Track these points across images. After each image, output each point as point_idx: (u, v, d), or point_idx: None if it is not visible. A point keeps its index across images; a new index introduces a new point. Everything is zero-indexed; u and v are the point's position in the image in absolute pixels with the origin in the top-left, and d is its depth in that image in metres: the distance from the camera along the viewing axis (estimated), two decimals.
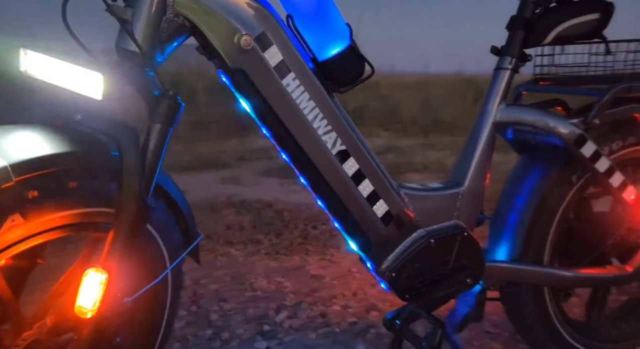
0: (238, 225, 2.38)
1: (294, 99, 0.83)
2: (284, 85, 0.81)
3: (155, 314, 0.88)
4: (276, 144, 0.88)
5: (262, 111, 0.83)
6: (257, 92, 0.81)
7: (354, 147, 0.89)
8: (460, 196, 1.01)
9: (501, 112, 1.01)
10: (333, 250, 2.09)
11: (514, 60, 1.00)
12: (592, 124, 0.98)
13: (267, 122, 0.84)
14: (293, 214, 2.52)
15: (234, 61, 0.78)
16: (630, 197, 1.05)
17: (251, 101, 0.83)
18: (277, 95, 0.82)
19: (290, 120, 0.83)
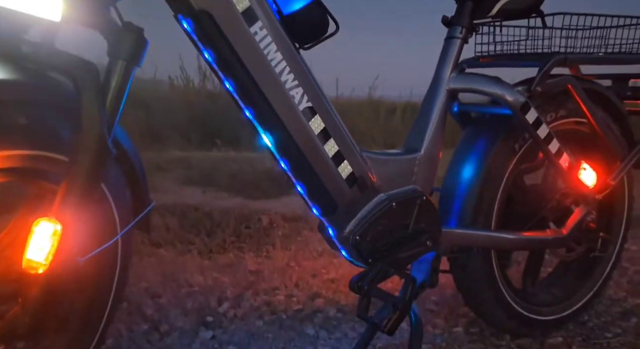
0: (164, 227, 2.24)
1: (261, 49, 0.79)
2: (252, 34, 0.78)
3: (104, 282, 0.79)
4: (239, 99, 0.83)
5: (228, 60, 0.78)
6: (223, 39, 0.76)
7: (320, 105, 0.88)
8: (418, 161, 1.02)
9: (453, 80, 1.05)
10: (269, 247, 2.04)
11: (463, 29, 1.05)
12: (534, 92, 1.04)
13: (233, 72, 0.80)
14: (223, 215, 2.43)
15: (199, 3, 0.73)
16: (565, 164, 1.12)
17: (215, 49, 0.78)
18: (244, 43, 0.78)
19: (258, 71, 0.80)
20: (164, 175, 3.65)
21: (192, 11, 0.73)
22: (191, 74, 5.59)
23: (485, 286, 1.15)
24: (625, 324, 1.35)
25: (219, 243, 2.05)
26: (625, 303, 1.48)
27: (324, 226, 0.99)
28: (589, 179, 1.16)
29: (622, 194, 1.32)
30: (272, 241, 2.11)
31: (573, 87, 1.09)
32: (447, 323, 1.35)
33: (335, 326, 1.34)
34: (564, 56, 1.05)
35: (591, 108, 1.13)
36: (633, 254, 1.91)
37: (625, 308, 1.45)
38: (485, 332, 1.30)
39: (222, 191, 3.08)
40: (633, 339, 1.27)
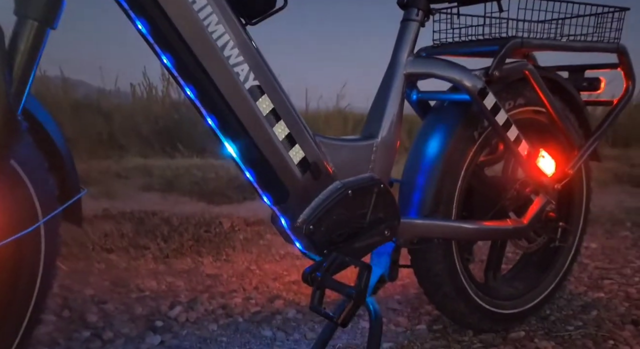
0: (118, 233, 2.13)
1: (201, 20, 0.73)
2: (189, 2, 0.72)
3: (25, 278, 0.70)
4: (179, 76, 0.77)
5: (164, 32, 0.72)
6: (158, 8, 0.70)
7: (269, 85, 0.82)
8: (375, 147, 0.98)
9: (410, 64, 1.02)
10: (229, 250, 1.96)
11: (420, 12, 1.02)
12: (492, 77, 1.02)
13: (170, 45, 0.73)
14: (182, 220, 2.34)
15: None
16: (524, 151, 1.10)
17: (150, 20, 0.71)
18: (181, 12, 0.71)
19: (197, 43, 0.73)
20: (123, 182, 3.52)
21: None
22: (154, 81, 5.47)
23: (446, 279, 1.11)
24: (586, 317, 1.34)
25: (176, 248, 1.96)
26: (586, 297, 1.47)
27: (277, 216, 0.93)
28: (548, 167, 1.14)
29: (581, 185, 1.31)
30: (233, 245, 2.03)
31: (530, 74, 1.07)
32: (410, 321, 1.31)
33: (294, 327, 1.27)
34: (521, 40, 1.03)
35: (549, 96, 1.11)
36: (593, 252, 1.92)
37: (585, 301, 1.44)
38: (448, 329, 1.26)
39: (184, 197, 2.99)
40: (594, 332, 1.25)
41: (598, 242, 2.04)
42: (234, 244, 2.03)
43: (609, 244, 2.02)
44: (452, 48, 1.15)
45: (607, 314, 1.35)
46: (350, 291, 0.82)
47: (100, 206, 2.61)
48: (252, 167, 0.85)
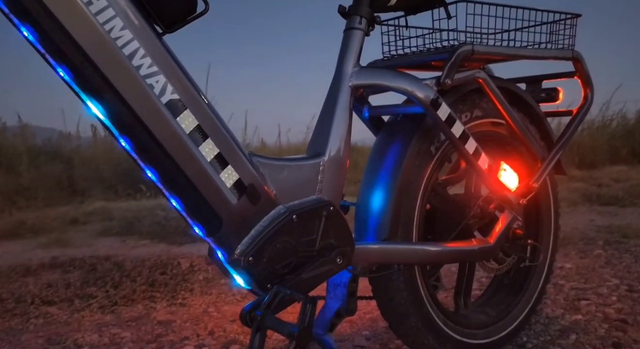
0: (63, 283, 1.95)
1: (100, 24, 0.64)
2: (84, 3, 0.62)
3: None
4: (81, 91, 0.66)
5: (54, 37, 0.61)
6: (42, 7, 0.60)
7: (191, 99, 0.73)
8: (322, 166, 0.89)
9: (356, 76, 0.94)
10: (185, 293, 1.81)
11: (363, 20, 0.95)
12: (444, 85, 0.95)
13: (62, 54, 0.62)
14: (136, 264, 2.17)
15: None
16: (484, 165, 1.03)
17: (35, 24, 0.61)
18: (72, 12, 0.61)
19: (96, 51, 0.63)
20: (80, 228, 3.34)
21: None
22: None
23: (411, 309, 1.01)
24: (565, 343, 1.24)
25: (127, 294, 1.79)
26: (563, 320, 1.38)
27: (212, 248, 0.82)
28: (511, 181, 1.07)
29: (547, 199, 1.24)
30: (191, 287, 1.88)
31: (485, 82, 1.01)
32: None
33: None
34: (471, 48, 0.97)
35: (506, 107, 1.05)
36: (568, 272, 1.85)
37: (563, 325, 1.34)
38: None
39: (144, 240, 2.83)
40: None
41: (572, 262, 1.97)
42: (192, 286, 1.88)
43: (583, 263, 1.96)
44: (402, 60, 1.08)
45: (586, 338, 1.26)
46: (292, 330, 0.70)
47: (50, 254, 2.43)
48: (177, 193, 0.74)
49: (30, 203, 3.90)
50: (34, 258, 2.33)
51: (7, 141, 4.92)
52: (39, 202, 3.95)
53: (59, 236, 2.93)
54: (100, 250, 2.55)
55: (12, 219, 3.24)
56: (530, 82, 1.23)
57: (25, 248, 2.65)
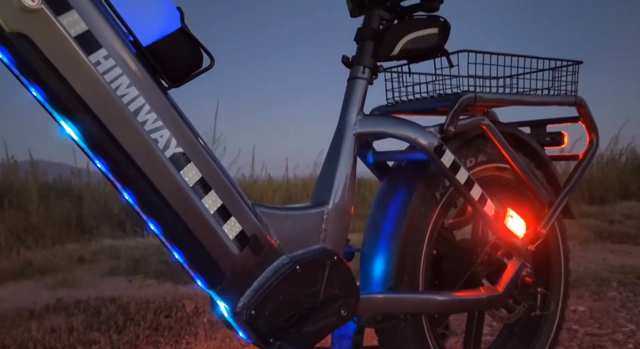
0: (67, 327, 1.93)
1: (107, 82, 0.65)
2: (92, 63, 0.64)
3: None
4: (87, 147, 0.67)
5: (62, 96, 0.63)
6: (51, 69, 0.61)
7: (195, 151, 0.73)
8: (326, 215, 0.88)
9: (360, 124, 0.95)
10: (190, 338, 1.78)
11: (366, 69, 0.96)
12: (448, 133, 0.95)
13: (70, 111, 0.64)
14: (141, 306, 2.15)
15: (12, 24, 0.59)
16: (491, 211, 1.02)
17: (43, 84, 0.62)
18: (81, 73, 0.63)
19: (103, 108, 0.65)
20: (86, 267, 3.32)
21: (4, 35, 0.59)
22: None
23: None
24: None
25: (130, 340, 1.76)
26: None
27: (214, 301, 0.81)
28: (518, 227, 1.05)
29: (557, 245, 1.22)
30: (195, 331, 1.85)
31: (488, 128, 1.01)
32: None
33: None
34: (474, 95, 0.98)
35: (510, 152, 1.05)
36: (581, 316, 1.80)
37: None
38: None
39: (150, 279, 2.81)
40: None
41: (586, 305, 1.92)
42: (196, 330, 1.85)
43: (597, 306, 1.90)
44: (406, 106, 1.09)
45: None
46: None
47: (55, 295, 2.42)
48: (179, 246, 0.74)
49: (38, 242, 3.91)
50: (39, 301, 2.31)
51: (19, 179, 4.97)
52: (48, 240, 3.95)
53: (65, 276, 2.92)
54: (106, 291, 2.53)
55: (20, 259, 3.24)
56: (535, 126, 1.23)
57: (31, 289, 2.64)
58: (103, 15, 0.65)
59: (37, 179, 4.99)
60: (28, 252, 3.52)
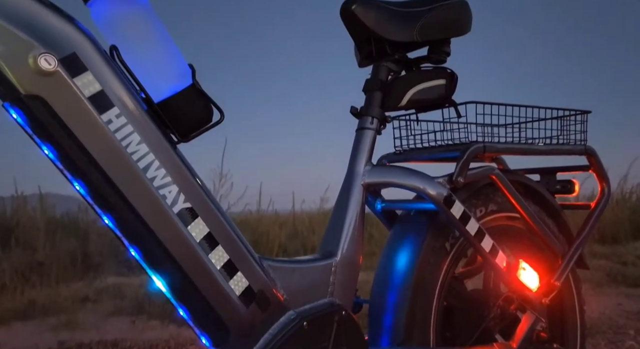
0: None
1: (118, 140, 0.65)
2: (104, 122, 0.64)
3: None
4: (94, 204, 0.67)
5: (73, 156, 0.63)
6: (64, 128, 0.62)
7: (203, 206, 0.73)
8: (334, 268, 0.87)
9: (369, 174, 0.94)
10: None
11: (375, 120, 0.97)
12: (457, 183, 0.94)
13: (80, 171, 0.64)
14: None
15: (27, 86, 0.60)
16: (503, 263, 1.00)
17: (55, 143, 0.63)
18: (93, 132, 0.63)
19: (113, 166, 0.65)
20: (90, 307, 3.28)
21: (19, 97, 0.60)
22: None
23: None
24: None
25: None
26: None
27: None
28: (531, 280, 1.03)
29: (571, 296, 1.18)
30: None
31: (497, 178, 1.01)
32: None
33: None
34: (482, 145, 0.98)
35: (520, 201, 1.04)
36: None
37: None
38: None
39: (155, 320, 2.76)
40: None
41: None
42: None
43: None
44: (414, 154, 1.09)
45: None
46: None
47: (57, 338, 2.38)
48: (184, 302, 0.72)
49: (43, 280, 3.88)
50: (41, 343, 2.28)
51: (27, 214, 4.99)
52: (52, 278, 3.92)
53: (69, 317, 2.88)
54: (109, 333, 2.49)
55: (24, 299, 3.21)
56: (545, 173, 1.22)
57: (33, 331, 2.60)
58: (116, 74, 0.66)
59: (45, 213, 5.00)
60: (32, 291, 3.49)
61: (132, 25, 0.69)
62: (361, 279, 0.98)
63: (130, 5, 0.69)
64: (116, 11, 0.68)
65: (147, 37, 0.71)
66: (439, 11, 0.96)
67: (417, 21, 0.94)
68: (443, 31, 0.97)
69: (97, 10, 0.68)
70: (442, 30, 0.97)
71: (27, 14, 0.59)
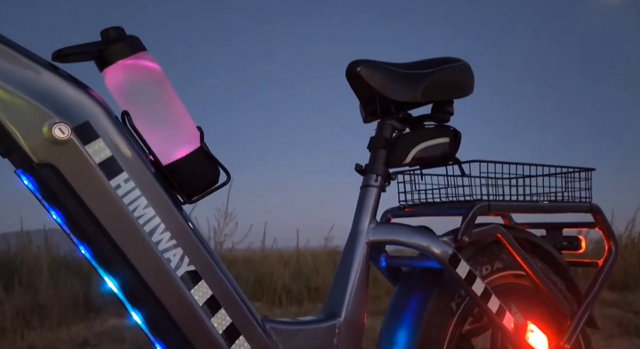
0: None
1: (125, 205, 0.66)
2: (112, 187, 0.66)
3: None
4: (100, 268, 0.68)
5: (80, 221, 0.64)
6: (73, 195, 0.63)
7: (207, 268, 0.73)
8: (338, 329, 0.86)
9: (373, 232, 0.94)
10: None
11: (379, 178, 0.98)
12: (462, 242, 0.94)
13: (87, 236, 0.65)
14: None
15: (40, 155, 0.62)
16: (510, 324, 0.98)
17: (64, 209, 0.64)
18: (101, 198, 0.65)
19: (120, 231, 0.66)
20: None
21: (31, 166, 0.61)
22: None
23: None
24: None
25: None
26: None
27: None
28: (540, 343, 1.01)
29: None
30: None
31: (503, 236, 1.00)
32: None
33: None
34: (487, 204, 0.98)
35: (526, 259, 1.03)
36: None
37: None
38: None
39: None
40: None
41: None
42: None
43: None
44: (419, 210, 1.09)
45: None
46: None
47: None
48: None
49: (44, 323, 3.82)
50: None
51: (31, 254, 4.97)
52: (53, 321, 3.87)
53: None
54: None
55: (24, 344, 3.16)
56: (551, 228, 1.21)
57: None
58: (126, 139, 0.68)
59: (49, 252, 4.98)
60: (32, 334, 3.44)
61: (144, 91, 0.72)
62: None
63: (144, 72, 0.71)
64: (130, 78, 0.71)
65: (158, 102, 0.73)
66: (442, 73, 0.98)
67: (421, 83, 0.96)
68: (446, 93, 1.00)
69: (112, 78, 0.71)
70: (445, 92, 0.99)
71: (44, 85, 0.62)
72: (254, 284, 4.97)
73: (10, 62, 0.60)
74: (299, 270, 5.46)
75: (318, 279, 4.98)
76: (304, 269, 5.35)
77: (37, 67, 0.61)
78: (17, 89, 0.60)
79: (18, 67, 0.60)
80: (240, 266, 5.17)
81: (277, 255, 5.88)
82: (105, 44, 0.68)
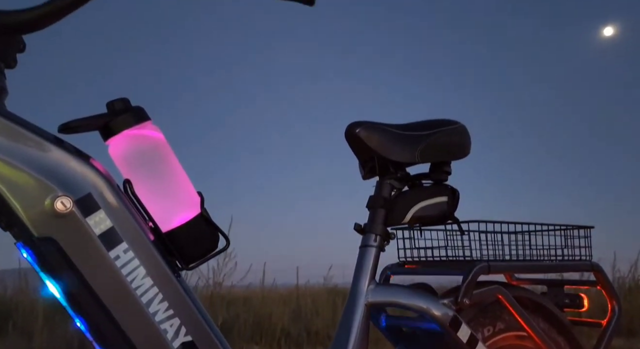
0: None
1: (124, 276, 0.66)
2: (112, 259, 0.66)
3: None
4: (94, 341, 0.67)
5: (78, 294, 0.64)
6: (72, 268, 0.63)
7: (204, 339, 0.72)
8: None
9: (372, 293, 0.94)
10: None
11: (378, 237, 0.98)
12: (462, 305, 0.93)
13: (84, 309, 0.65)
14: None
15: (41, 229, 0.62)
16: None
17: (63, 282, 0.64)
18: (100, 271, 0.65)
19: (117, 304, 0.65)
20: None
21: (32, 239, 0.61)
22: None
23: None
24: None
25: None
26: None
27: None
28: None
29: None
30: None
31: (504, 298, 0.99)
32: None
33: None
34: (487, 264, 0.98)
35: (528, 320, 1.01)
36: None
37: None
38: None
39: None
40: None
41: None
42: None
43: None
44: (419, 269, 1.09)
45: None
46: None
47: None
48: None
49: None
50: None
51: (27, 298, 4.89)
52: None
53: None
54: None
55: None
56: (552, 285, 1.20)
57: None
58: (127, 208, 0.69)
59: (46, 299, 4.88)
60: None
61: (146, 160, 0.73)
62: None
63: (146, 141, 0.73)
64: (132, 148, 0.72)
65: (159, 170, 0.74)
66: (439, 135, 1.00)
67: (419, 144, 0.98)
68: (443, 154, 1.01)
69: (115, 147, 0.72)
70: (443, 154, 1.01)
71: (48, 160, 0.63)
72: (252, 326, 4.86)
73: (16, 137, 0.61)
74: (298, 311, 5.35)
75: (318, 322, 4.87)
76: (304, 310, 5.25)
77: (42, 142, 0.63)
78: (21, 164, 0.61)
79: (23, 143, 0.61)
80: (239, 306, 5.08)
81: (277, 294, 5.78)
82: (111, 115, 0.70)
